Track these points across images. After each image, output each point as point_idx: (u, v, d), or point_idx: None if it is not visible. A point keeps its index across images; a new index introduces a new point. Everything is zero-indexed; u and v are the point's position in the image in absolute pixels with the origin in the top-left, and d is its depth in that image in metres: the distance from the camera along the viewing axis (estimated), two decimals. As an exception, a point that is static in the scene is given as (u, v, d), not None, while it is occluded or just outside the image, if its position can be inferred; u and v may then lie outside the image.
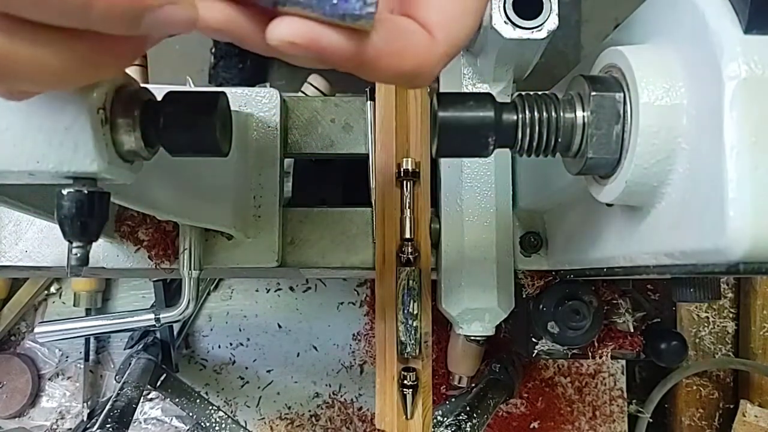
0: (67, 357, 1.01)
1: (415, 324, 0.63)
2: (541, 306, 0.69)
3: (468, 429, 0.71)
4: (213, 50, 1.01)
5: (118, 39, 0.27)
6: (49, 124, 0.34)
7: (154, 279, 0.94)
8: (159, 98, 0.38)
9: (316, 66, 0.30)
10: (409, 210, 0.65)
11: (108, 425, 0.69)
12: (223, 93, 0.39)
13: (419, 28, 0.31)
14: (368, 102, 0.68)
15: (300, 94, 0.84)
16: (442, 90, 0.65)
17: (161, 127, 0.37)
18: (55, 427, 1.00)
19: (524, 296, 0.70)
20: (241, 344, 1.01)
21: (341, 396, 1.01)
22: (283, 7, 0.27)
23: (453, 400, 0.88)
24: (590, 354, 0.73)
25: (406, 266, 0.64)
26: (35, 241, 0.64)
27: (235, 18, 0.28)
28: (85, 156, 0.35)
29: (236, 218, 0.62)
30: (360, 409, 1.01)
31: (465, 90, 0.64)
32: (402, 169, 0.65)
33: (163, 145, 0.38)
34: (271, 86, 0.68)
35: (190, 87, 0.77)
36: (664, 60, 0.38)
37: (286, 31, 0.27)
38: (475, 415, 0.73)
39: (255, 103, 0.66)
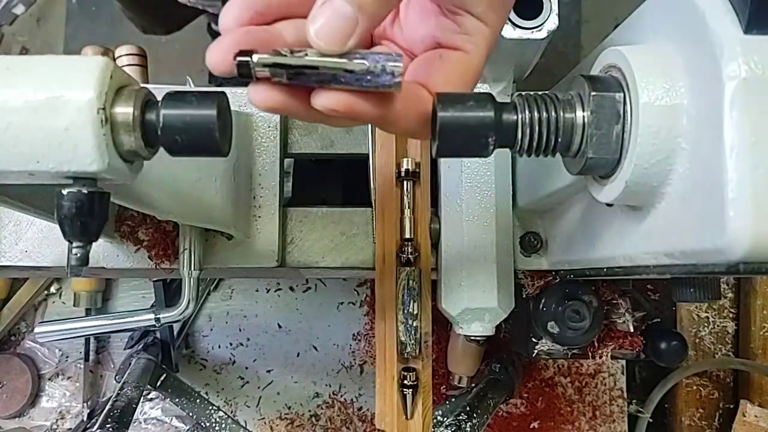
0: (67, 357, 1.01)
1: (415, 324, 0.63)
2: (541, 306, 0.69)
3: (468, 429, 0.71)
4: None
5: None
6: (49, 124, 0.34)
7: (154, 279, 0.94)
8: (159, 98, 0.38)
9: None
10: (409, 210, 0.65)
11: (108, 425, 0.69)
12: (223, 93, 0.39)
13: (430, 97, 0.39)
14: (368, 102, 0.68)
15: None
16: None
17: (161, 127, 0.37)
18: (55, 427, 1.00)
19: (524, 296, 0.70)
20: (241, 344, 1.01)
21: (341, 396, 1.01)
22: (329, 85, 0.34)
23: (453, 400, 0.88)
24: (590, 354, 0.73)
25: (406, 266, 0.64)
26: (35, 241, 0.64)
27: (286, 99, 0.36)
28: (85, 156, 0.35)
29: (236, 218, 0.62)
30: (360, 409, 1.01)
31: (465, 90, 0.64)
32: (402, 169, 0.65)
33: (163, 145, 0.38)
34: (271, 86, 0.68)
35: (190, 87, 0.77)
36: (664, 60, 0.38)
37: (331, 100, 0.35)
38: (475, 415, 0.73)
39: (255, 103, 0.66)
